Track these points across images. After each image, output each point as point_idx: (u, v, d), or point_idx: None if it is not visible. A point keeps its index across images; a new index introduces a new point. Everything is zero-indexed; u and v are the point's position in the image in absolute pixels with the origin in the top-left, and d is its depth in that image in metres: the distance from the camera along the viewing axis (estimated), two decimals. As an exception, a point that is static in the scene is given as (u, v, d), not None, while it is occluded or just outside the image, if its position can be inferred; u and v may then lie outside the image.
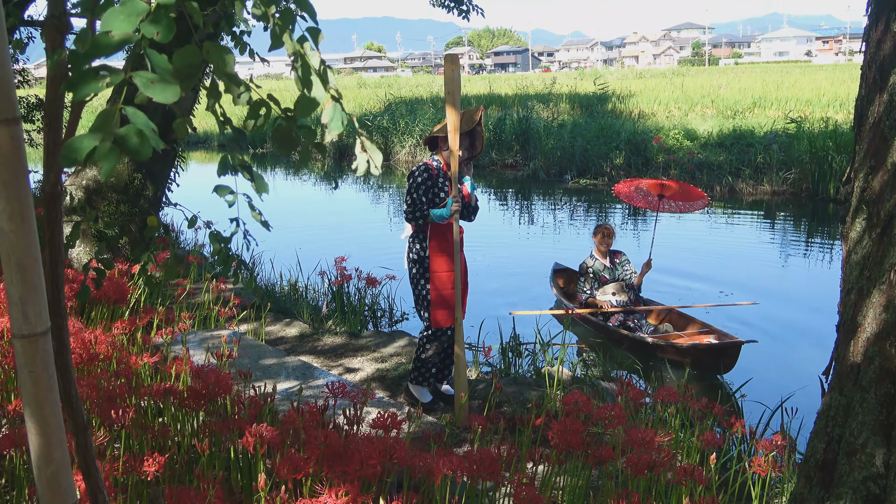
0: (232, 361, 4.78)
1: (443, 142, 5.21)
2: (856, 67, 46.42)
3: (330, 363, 6.33)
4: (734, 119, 23.39)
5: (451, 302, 5.10)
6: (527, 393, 5.55)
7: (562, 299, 9.09)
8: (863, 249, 2.44)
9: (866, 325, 2.36)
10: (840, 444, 2.40)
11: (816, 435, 2.52)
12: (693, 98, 30.78)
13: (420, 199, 5.09)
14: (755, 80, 40.39)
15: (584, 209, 16.59)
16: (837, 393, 2.45)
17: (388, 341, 6.93)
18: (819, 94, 29.47)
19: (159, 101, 1.07)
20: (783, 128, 19.01)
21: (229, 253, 2.04)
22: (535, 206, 17.59)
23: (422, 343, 5.32)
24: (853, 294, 2.46)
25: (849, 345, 2.43)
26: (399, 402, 5.37)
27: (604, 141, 20.19)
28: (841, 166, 16.12)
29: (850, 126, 18.14)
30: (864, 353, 2.36)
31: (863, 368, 2.35)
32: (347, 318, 7.82)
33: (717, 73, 57.85)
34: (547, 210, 16.98)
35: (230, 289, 8.23)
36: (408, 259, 5.29)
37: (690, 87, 37.29)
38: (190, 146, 30.70)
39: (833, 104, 25.45)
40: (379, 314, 8.72)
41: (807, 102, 26.67)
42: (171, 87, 1.04)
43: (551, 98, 30.28)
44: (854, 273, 2.47)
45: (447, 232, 5.12)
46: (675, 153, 18.98)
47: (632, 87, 37.76)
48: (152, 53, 1.06)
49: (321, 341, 6.92)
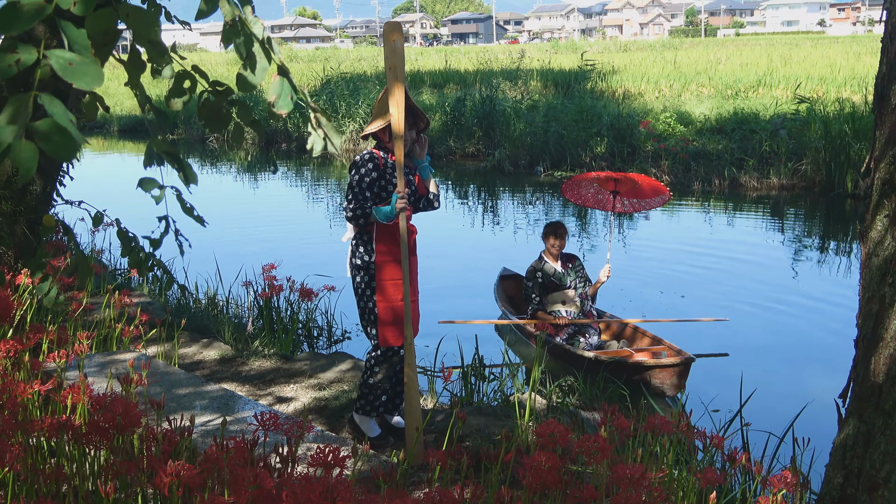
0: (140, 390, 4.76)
1: (383, 134, 5.22)
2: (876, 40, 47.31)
3: (258, 392, 6.31)
4: (735, 100, 23.77)
5: (402, 316, 5.12)
6: (494, 424, 5.59)
7: (506, 311, 9.19)
8: (885, 251, 2.43)
9: (889, 338, 2.35)
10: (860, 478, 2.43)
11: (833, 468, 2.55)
12: (687, 75, 31.20)
13: (363, 195, 5.10)
14: (759, 54, 40.98)
15: (559, 207, 16.72)
16: (856, 419, 2.47)
17: (327, 365, 6.92)
18: (834, 71, 29.96)
19: (80, 87, 1.06)
20: (792, 110, 19.33)
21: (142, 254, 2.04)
22: (500, 203, 17.69)
23: (369, 366, 5.33)
24: (874, 303, 2.45)
25: (869, 362, 2.44)
26: (342, 436, 5.38)
27: (583, 126, 20.37)
28: (860, 155, 16.43)
29: (869, 108, 18.50)
30: (887, 371, 2.36)
31: (885, 390, 2.36)
32: (278, 337, 7.80)
33: (714, 45, 58.61)
34: (515, 207, 17.09)
35: (136, 303, 8.16)
36: (350, 266, 5.30)
37: (684, 62, 37.75)
38: (84, 131, 30.29)
39: (850, 82, 25.94)
40: (316, 333, 8.71)
41: (820, 80, 27.14)
42: (92, 71, 1.03)
43: (520, 75, 30.51)
44: (875, 279, 2.46)
45: (396, 233, 5.13)
46: (667, 141, 19.22)
47: (615, 61, 38.08)
48: (68, 27, 1.05)
49: (247, 366, 6.89)
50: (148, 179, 1.58)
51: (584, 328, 8.43)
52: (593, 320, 8.59)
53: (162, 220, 1.97)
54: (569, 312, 8.51)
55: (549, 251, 8.59)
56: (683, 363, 7.43)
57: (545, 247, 8.62)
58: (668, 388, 7.46)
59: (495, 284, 9.85)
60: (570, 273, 8.61)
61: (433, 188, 5.39)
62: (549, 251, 8.59)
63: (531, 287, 8.62)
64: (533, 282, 8.60)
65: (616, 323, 8.83)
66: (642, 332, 8.48)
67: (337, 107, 25.24)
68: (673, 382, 7.45)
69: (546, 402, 6.39)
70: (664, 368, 7.45)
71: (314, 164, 24.38)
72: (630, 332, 8.61)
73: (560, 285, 8.55)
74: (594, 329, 8.49)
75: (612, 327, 8.85)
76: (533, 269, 8.65)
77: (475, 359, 7.01)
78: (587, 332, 8.38)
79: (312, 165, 24.14)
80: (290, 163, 24.83)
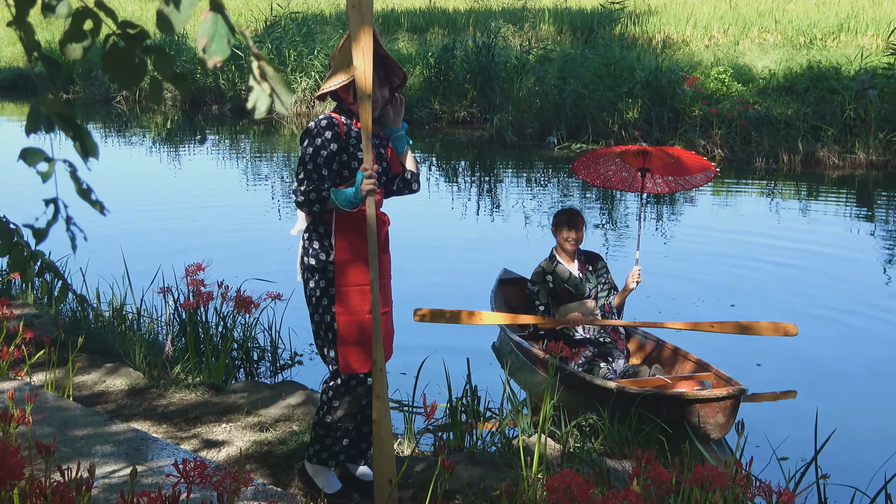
0: (23, 430, 4.74)
1: (344, 92, 5.19)
2: None
3: (179, 433, 6.30)
4: (809, 50, 23.81)
5: (370, 333, 5.11)
6: (491, 476, 5.60)
7: (506, 327, 8.98)
8: None
9: None
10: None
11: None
12: (747, 17, 31.19)
13: (319, 174, 5.07)
14: (842, -10, 41.06)
15: (578, 190, 16.73)
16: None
17: (271, 398, 6.91)
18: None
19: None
20: (885, 64, 19.35)
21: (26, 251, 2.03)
22: (500, 186, 17.70)
23: (326, 400, 5.32)
24: None
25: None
26: (290, 492, 5.38)
27: (609, 84, 20.39)
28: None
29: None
30: None
31: None
32: (206, 361, 7.78)
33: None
34: (520, 191, 17.08)
35: (18, 316, 8.13)
36: (302, 267, 5.28)
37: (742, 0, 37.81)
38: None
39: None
40: (256, 355, 8.69)
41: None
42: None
43: (526, 16, 30.47)
44: None
45: (361, 224, 5.10)
46: (720, 103, 19.24)
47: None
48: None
49: (165, 399, 6.88)
50: (32, 150, 1.57)
51: (606, 350, 8.34)
52: (619, 338, 8.53)
53: (50, 203, 1.94)
54: (587, 330, 8.47)
55: (561, 247, 8.52)
56: (731, 396, 7.32)
57: (556, 241, 8.56)
58: (712, 428, 7.35)
59: (493, 292, 9.71)
60: (590, 278, 8.55)
61: (411, 164, 5.38)
62: (563, 247, 8.50)
63: (537, 291, 8.54)
64: (541, 286, 8.53)
65: (651, 342, 8.74)
66: (683, 355, 8.39)
67: (286, 57, 25.22)
68: (717, 422, 7.33)
69: (560, 446, 6.40)
70: (706, 403, 7.37)
71: (255, 131, 24.38)
72: (668, 355, 8.51)
73: (576, 294, 8.47)
74: (620, 351, 8.38)
75: (646, 348, 8.77)
76: (542, 270, 8.58)
77: (467, 390, 7.00)
78: (611, 355, 8.27)
79: (253, 134, 24.14)
80: (222, 130, 24.82)
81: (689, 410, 7.35)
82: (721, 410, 7.27)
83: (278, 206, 16.00)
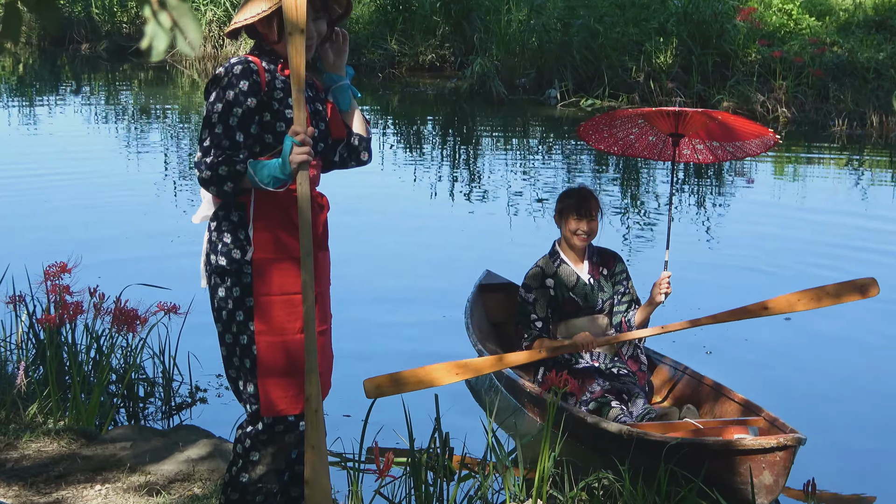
0: None
1: (265, 27, 5.18)
2: None
3: (37, 498, 6.31)
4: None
5: (302, 361, 5.12)
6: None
7: (484, 349, 8.79)
8: None
9: None
10: None
11: None
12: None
13: (231, 138, 5.05)
14: None
15: (590, 162, 16.79)
16: None
17: (163, 450, 6.93)
18: None
19: None
20: None
21: None
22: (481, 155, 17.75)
23: (242, 452, 5.34)
24: None
25: None
26: (190, 579, 5.41)
27: (632, 17, 20.42)
28: None
29: None
30: None
31: None
32: (74, 399, 7.77)
33: None
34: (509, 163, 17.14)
35: None
36: (208, 269, 5.28)
37: None
38: None
39: None
40: (143, 391, 8.70)
41: None
42: None
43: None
44: None
45: (290, 209, 5.10)
46: (785, 45, 19.31)
47: None
48: None
49: (16, 450, 6.88)
50: None
51: (622, 385, 8.31)
52: (639, 370, 8.49)
53: None
54: (594, 356, 8.46)
55: (568, 242, 8.44)
56: (783, 447, 7.21)
57: (561, 234, 8.50)
58: (760, 490, 7.29)
59: (469, 302, 9.61)
60: (604, 285, 8.51)
61: (359, 126, 5.40)
62: (569, 242, 8.42)
63: (532, 302, 8.43)
64: (537, 293, 8.44)
65: (684, 375, 8.63)
66: (727, 394, 8.30)
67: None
68: (764, 482, 7.27)
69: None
70: (751, 456, 7.31)
71: (141, 80, 24.35)
72: (707, 393, 8.40)
73: (584, 305, 8.45)
74: (640, 388, 8.29)
75: (677, 383, 8.61)
76: (540, 271, 8.51)
77: (435, 437, 7.03)
78: (628, 391, 8.22)
79: (138, 83, 24.11)
80: (95, 77, 24.79)
81: (725, 465, 7.34)
82: (768, 467, 7.22)
83: (174, 183, 15.99)
